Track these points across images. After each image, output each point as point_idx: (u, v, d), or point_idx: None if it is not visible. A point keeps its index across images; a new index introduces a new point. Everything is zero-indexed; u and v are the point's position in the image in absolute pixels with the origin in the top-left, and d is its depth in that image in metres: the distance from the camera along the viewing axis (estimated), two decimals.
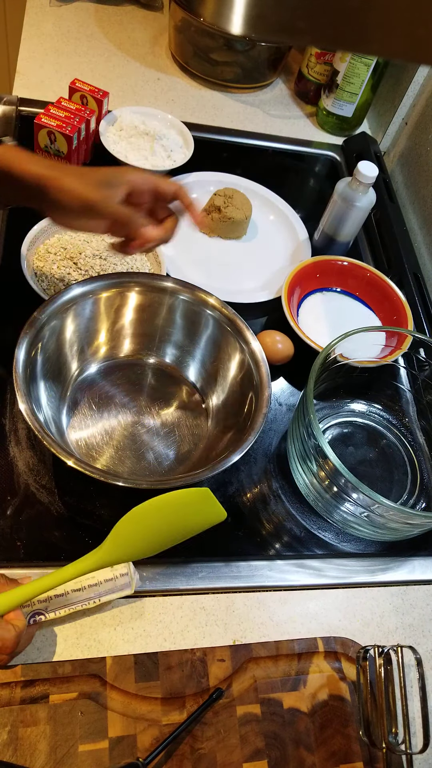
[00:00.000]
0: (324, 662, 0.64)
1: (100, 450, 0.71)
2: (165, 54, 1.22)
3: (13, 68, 1.09)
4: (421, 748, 0.60)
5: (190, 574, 0.66)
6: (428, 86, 1.08)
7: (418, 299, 0.95)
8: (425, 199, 1.06)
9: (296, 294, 0.90)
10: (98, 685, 0.58)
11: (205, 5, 0.31)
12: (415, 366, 0.83)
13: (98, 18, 1.22)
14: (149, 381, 0.78)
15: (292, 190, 1.07)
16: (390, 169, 1.18)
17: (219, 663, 0.61)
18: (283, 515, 0.73)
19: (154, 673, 0.60)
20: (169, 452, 0.73)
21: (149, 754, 0.55)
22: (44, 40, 1.14)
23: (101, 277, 0.73)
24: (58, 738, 0.55)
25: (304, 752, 0.59)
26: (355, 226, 0.94)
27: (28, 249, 0.81)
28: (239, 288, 0.92)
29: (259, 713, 0.60)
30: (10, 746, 0.54)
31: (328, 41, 0.31)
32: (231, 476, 0.74)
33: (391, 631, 0.68)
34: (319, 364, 0.69)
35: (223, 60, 1.16)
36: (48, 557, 0.64)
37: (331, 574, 0.70)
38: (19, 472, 0.68)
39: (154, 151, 0.99)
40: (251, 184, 1.04)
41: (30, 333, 0.65)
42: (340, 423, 0.83)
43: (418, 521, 0.64)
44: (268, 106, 1.21)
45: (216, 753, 0.57)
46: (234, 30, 0.30)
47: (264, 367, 0.71)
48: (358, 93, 1.11)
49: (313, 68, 1.17)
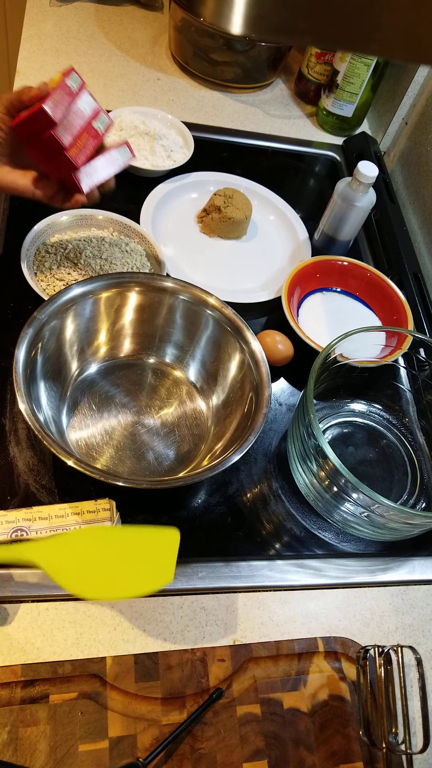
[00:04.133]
0: (324, 662, 0.64)
1: (100, 450, 0.71)
2: (165, 54, 1.22)
3: (13, 68, 1.09)
4: (421, 748, 0.60)
5: (190, 574, 0.66)
6: (428, 86, 1.08)
7: (418, 299, 0.95)
8: (425, 199, 1.06)
9: (296, 294, 0.90)
10: (98, 685, 0.58)
11: (205, 5, 0.31)
12: (415, 366, 0.83)
13: (98, 18, 1.22)
14: (149, 381, 0.78)
15: (292, 190, 1.08)
16: (390, 169, 1.18)
17: (219, 663, 0.61)
18: (283, 515, 0.73)
19: (154, 673, 0.60)
20: (169, 452, 0.73)
21: (149, 754, 0.55)
22: (44, 40, 1.14)
23: (101, 277, 0.73)
24: (58, 738, 0.55)
25: (304, 752, 0.59)
26: (355, 226, 0.94)
27: (28, 249, 0.81)
28: (239, 288, 0.92)
29: (259, 713, 0.60)
30: (10, 746, 0.54)
31: (328, 41, 0.31)
32: (231, 476, 0.74)
33: (391, 631, 0.68)
34: (319, 364, 0.69)
35: (223, 60, 1.16)
36: None
37: (331, 574, 0.70)
38: (19, 472, 0.68)
39: (154, 151, 1.00)
40: (251, 184, 1.04)
41: (30, 333, 0.65)
42: (340, 423, 0.83)
43: (418, 521, 0.64)
44: (268, 106, 1.21)
45: (216, 753, 0.57)
46: (234, 30, 0.30)
47: (264, 367, 0.71)
48: (358, 93, 1.11)
49: (313, 68, 1.17)
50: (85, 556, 0.56)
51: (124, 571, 0.56)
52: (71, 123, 0.67)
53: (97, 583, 0.54)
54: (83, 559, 0.55)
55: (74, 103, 0.68)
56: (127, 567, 0.57)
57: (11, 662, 0.58)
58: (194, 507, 0.71)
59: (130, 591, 0.56)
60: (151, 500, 0.70)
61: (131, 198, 0.95)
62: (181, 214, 0.99)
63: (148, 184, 0.97)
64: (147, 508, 0.69)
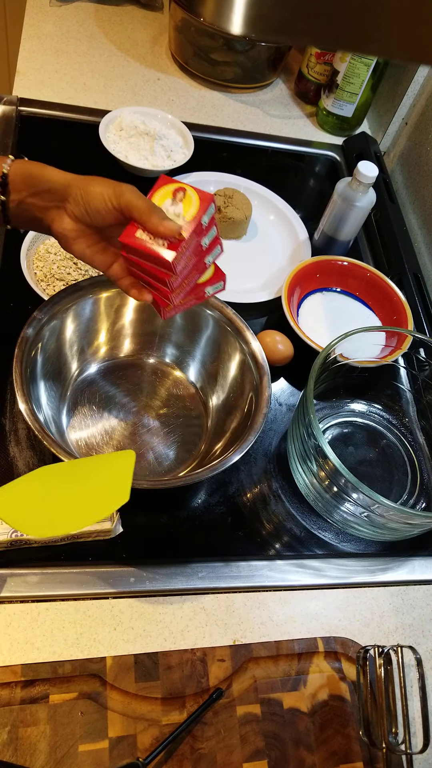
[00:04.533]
0: (324, 662, 0.64)
1: (100, 450, 0.71)
2: (165, 54, 1.22)
3: (13, 68, 1.09)
4: (421, 748, 0.60)
5: (190, 574, 0.66)
6: (428, 86, 1.08)
7: (418, 299, 0.95)
8: (425, 199, 1.06)
9: (296, 294, 0.90)
10: (98, 685, 0.58)
11: (205, 5, 0.31)
12: (415, 366, 0.83)
13: (98, 18, 1.22)
14: (149, 381, 0.78)
15: (292, 190, 1.08)
16: (390, 169, 1.18)
17: (219, 663, 0.61)
18: (283, 515, 0.73)
19: (154, 673, 0.60)
20: (169, 452, 0.73)
21: (149, 754, 0.55)
22: (44, 40, 1.14)
23: (101, 277, 0.73)
24: (58, 738, 0.55)
25: (304, 752, 0.59)
26: (355, 226, 0.94)
27: (28, 249, 0.81)
28: (239, 288, 0.92)
29: (259, 713, 0.60)
30: (10, 746, 0.54)
31: (328, 41, 0.31)
32: (231, 476, 0.74)
33: (391, 631, 0.68)
34: (319, 364, 0.69)
35: (223, 60, 1.16)
36: (48, 557, 0.64)
37: (331, 574, 0.70)
38: (19, 472, 0.68)
39: (154, 151, 1.00)
40: (251, 184, 1.04)
41: (30, 333, 0.65)
42: (340, 423, 0.83)
43: (418, 521, 0.64)
44: (268, 106, 1.21)
45: (216, 753, 0.57)
46: (234, 30, 0.30)
47: (264, 367, 0.71)
48: (358, 93, 1.11)
49: (313, 68, 1.17)
50: (40, 496, 0.55)
51: (80, 501, 0.55)
52: (186, 264, 0.57)
53: (56, 520, 0.54)
54: (39, 500, 0.55)
55: (198, 241, 0.57)
56: (84, 496, 0.56)
57: (11, 662, 0.58)
58: (194, 507, 0.71)
59: (89, 519, 0.55)
60: (151, 500, 0.70)
61: None
62: None
63: (148, 184, 0.96)
64: (147, 508, 0.69)
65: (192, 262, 0.58)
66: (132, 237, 0.55)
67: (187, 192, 0.57)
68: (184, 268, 0.57)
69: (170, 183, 0.58)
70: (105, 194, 0.55)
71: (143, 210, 0.54)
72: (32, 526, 0.53)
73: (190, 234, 0.55)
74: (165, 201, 0.57)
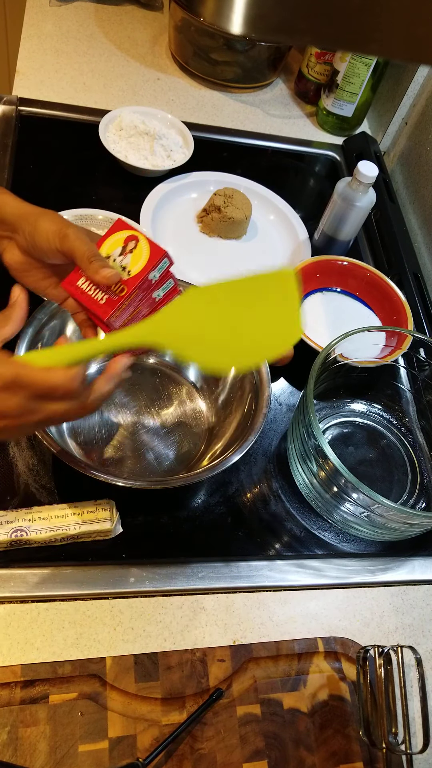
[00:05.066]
0: (324, 662, 0.64)
1: (100, 450, 0.71)
2: (165, 54, 1.22)
3: (13, 68, 1.09)
4: (421, 748, 0.60)
5: (190, 574, 0.66)
6: (428, 86, 1.08)
7: (418, 299, 0.95)
8: (425, 199, 1.06)
9: None
10: (98, 685, 0.58)
11: (205, 5, 0.31)
12: (415, 366, 0.83)
13: (98, 18, 1.22)
14: (149, 381, 0.78)
15: (292, 190, 1.08)
16: (390, 169, 1.18)
17: (219, 663, 0.61)
18: (283, 515, 0.73)
19: (154, 673, 0.60)
20: (169, 452, 0.73)
21: (149, 755, 0.55)
22: (44, 40, 1.14)
23: None
24: (58, 738, 0.55)
25: (304, 752, 0.59)
26: (355, 226, 0.94)
27: None
28: None
29: (259, 713, 0.60)
30: (10, 746, 0.54)
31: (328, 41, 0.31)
32: (231, 476, 0.74)
33: (391, 631, 0.68)
34: (319, 364, 0.69)
35: (223, 60, 1.16)
36: (48, 558, 0.64)
37: (331, 574, 0.70)
38: (19, 472, 0.68)
39: (154, 151, 0.99)
40: (251, 184, 1.04)
41: (30, 333, 0.65)
42: (340, 423, 0.83)
43: (418, 521, 0.64)
44: (268, 105, 1.21)
45: (216, 753, 0.57)
46: (234, 30, 0.30)
47: (264, 367, 0.71)
48: (358, 93, 1.11)
49: (313, 68, 1.17)
50: (204, 320, 0.49)
51: (248, 330, 0.49)
52: (133, 311, 0.54)
53: (228, 349, 0.48)
54: (203, 325, 0.49)
55: (146, 295, 0.54)
56: (250, 325, 0.49)
57: (11, 662, 0.58)
58: (194, 507, 0.71)
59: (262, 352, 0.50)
60: (151, 500, 0.70)
61: (131, 198, 0.95)
62: (181, 214, 0.99)
63: (148, 184, 0.97)
64: (147, 508, 0.69)
65: (142, 308, 0.55)
66: (73, 285, 0.53)
67: (139, 243, 0.53)
68: (131, 314, 0.54)
69: (124, 229, 0.54)
70: (50, 234, 0.52)
71: (83, 256, 0.51)
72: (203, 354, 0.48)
73: (132, 289, 0.52)
74: (115, 249, 0.54)
